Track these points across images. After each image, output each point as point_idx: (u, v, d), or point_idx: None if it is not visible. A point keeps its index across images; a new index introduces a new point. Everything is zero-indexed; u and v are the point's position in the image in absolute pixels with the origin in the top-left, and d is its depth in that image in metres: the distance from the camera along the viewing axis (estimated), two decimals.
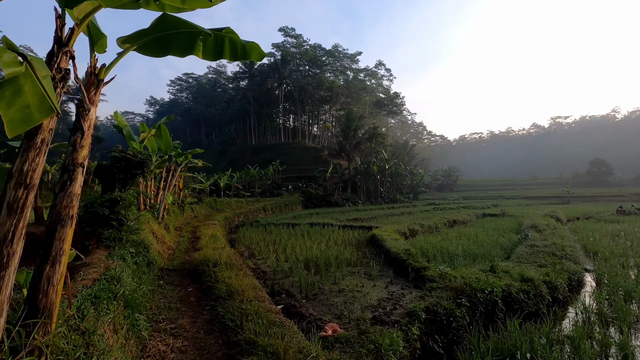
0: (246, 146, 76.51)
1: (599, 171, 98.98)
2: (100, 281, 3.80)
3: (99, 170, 7.22)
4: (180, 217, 16.89)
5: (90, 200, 5.81)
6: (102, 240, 5.61)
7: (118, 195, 5.92)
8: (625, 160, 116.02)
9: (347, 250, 10.94)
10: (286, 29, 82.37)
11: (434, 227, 19.46)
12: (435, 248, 11.89)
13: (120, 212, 5.88)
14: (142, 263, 5.78)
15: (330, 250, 11.12)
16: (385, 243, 10.97)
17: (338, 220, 24.18)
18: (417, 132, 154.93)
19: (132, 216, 6.42)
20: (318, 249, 12.17)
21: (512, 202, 53.43)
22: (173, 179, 12.15)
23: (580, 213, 29.00)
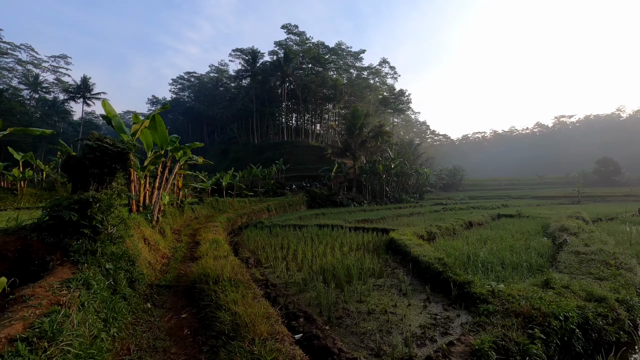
0: (249, 145, 75.36)
1: (606, 170, 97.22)
2: (17, 344, 2.43)
3: (67, 165, 5.74)
4: (180, 219, 15.61)
5: (57, 202, 4.52)
6: (70, 254, 4.33)
7: (91, 196, 4.61)
8: (632, 159, 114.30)
9: (367, 258, 9.62)
10: (289, 26, 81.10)
11: (451, 229, 18.12)
12: (463, 254, 10.57)
13: (94, 217, 4.58)
14: (123, 283, 4.49)
15: (347, 258, 9.81)
16: (410, 250, 9.65)
17: (346, 222, 22.89)
18: (421, 131, 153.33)
19: (114, 221, 5.14)
20: (332, 254, 10.88)
21: (521, 202, 52.00)
22: (170, 176, 10.89)
23: (600, 214, 27.50)
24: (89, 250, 4.42)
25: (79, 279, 3.66)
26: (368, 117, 52.88)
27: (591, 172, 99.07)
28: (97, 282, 3.90)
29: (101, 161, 5.47)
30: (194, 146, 10.19)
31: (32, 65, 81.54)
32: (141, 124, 9.27)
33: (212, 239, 10.14)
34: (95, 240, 4.66)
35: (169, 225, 11.72)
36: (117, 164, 5.67)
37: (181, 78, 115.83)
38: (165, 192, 10.76)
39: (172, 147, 10.01)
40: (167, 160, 10.08)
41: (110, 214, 5.00)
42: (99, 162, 5.45)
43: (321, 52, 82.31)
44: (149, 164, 9.69)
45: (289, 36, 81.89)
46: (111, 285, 4.26)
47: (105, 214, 4.88)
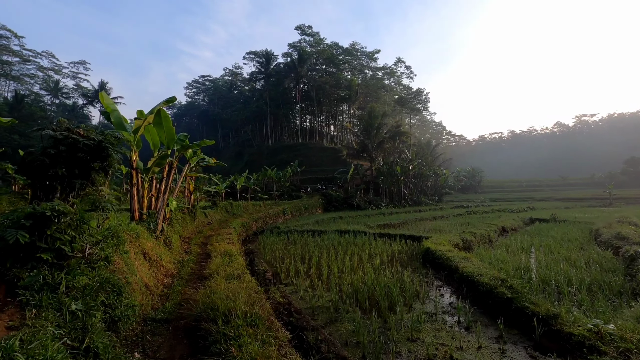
0: (263, 147, 74.61)
1: (635, 171, 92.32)
2: None
3: (24, 164, 4.25)
4: (191, 225, 14.44)
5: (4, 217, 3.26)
6: (18, 291, 3.08)
7: (50, 208, 3.34)
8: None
9: (405, 274, 8.14)
10: (303, 27, 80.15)
11: (486, 236, 16.41)
12: (515, 268, 8.98)
13: (58, 236, 3.33)
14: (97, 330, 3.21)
15: (381, 274, 8.37)
16: (457, 265, 8.13)
17: (368, 227, 21.41)
18: (437, 132, 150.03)
19: (93, 238, 3.90)
20: (361, 268, 9.45)
21: (547, 205, 49.46)
22: (179, 179, 9.71)
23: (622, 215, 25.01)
24: (47, 284, 3.18)
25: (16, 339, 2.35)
26: (385, 117, 51.23)
27: (619, 173, 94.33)
28: (49, 337, 2.59)
29: (69, 159, 4.16)
30: (203, 144, 8.97)
31: (52, 72, 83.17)
32: (144, 119, 8.08)
33: (224, 251, 8.85)
34: (60, 268, 3.41)
35: (177, 233, 10.51)
36: (92, 163, 4.36)
37: (196, 82, 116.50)
38: (173, 196, 9.55)
39: (180, 145, 8.81)
40: (174, 161, 8.88)
41: (82, 232, 3.75)
42: (65, 160, 4.14)
43: (335, 52, 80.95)
44: (153, 165, 8.51)
45: (302, 37, 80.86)
46: (77, 336, 2.98)
47: (78, 231, 3.64)
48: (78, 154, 4.15)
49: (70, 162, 4.12)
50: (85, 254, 3.82)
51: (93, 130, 4.51)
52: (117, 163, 4.53)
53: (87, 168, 4.29)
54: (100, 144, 4.33)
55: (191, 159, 11.18)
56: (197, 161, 13.45)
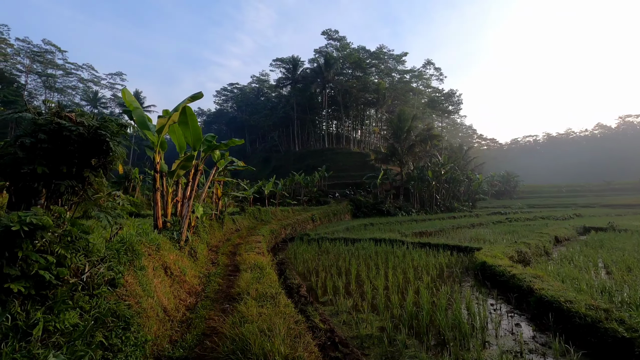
0: (290, 153, 74.51)
1: None
2: None
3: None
4: (219, 232, 13.73)
5: None
6: None
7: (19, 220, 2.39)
8: None
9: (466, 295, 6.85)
10: (329, 32, 79.80)
11: (541, 247, 14.62)
12: (596, 289, 7.45)
13: (35, 259, 2.44)
14: None
15: (436, 294, 7.12)
16: (528, 284, 6.75)
17: (403, 235, 20.01)
18: (467, 135, 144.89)
19: (90, 256, 3.03)
20: (406, 284, 8.23)
21: (594, 211, 45.62)
22: (206, 183, 8.94)
23: None
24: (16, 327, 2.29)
25: None
26: (415, 120, 49.37)
27: None
28: None
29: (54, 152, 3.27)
30: (232, 143, 8.14)
31: (92, 83, 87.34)
32: (168, 117, 7.34)
33: (254, 263, 7.92)
34: (42, 302, 2.53)
35: (203, 242, 9.73)
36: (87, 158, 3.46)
37: (224, 89, 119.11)
38: (200, 202, 8.78)
39: (207, 146, 8.03)
40: (200, 163, 8.11)
41: (81, 248, 2.89)
42: (48, 154, 3.26)
43: (362, 56, 79.91)
44: (178, 168, 7.76)
45: (329, 42, 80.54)
46: None
47: (70, 249, 2.78)
48: (67, 146, 3.27)
49: (56, 157, 3.25)
50: (83, 277, 2.97)
51: (90, 115, 3.63)
52: (121, 158, 3.68)
53: (76, 164, 3.36)
54: (95, 133, 3.42)
55: (219, 161, 10.43)
56: (226, 165, 12.75)
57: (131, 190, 24.88)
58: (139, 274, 4.37)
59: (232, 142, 8.03)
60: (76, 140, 3.12)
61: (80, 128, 3.16)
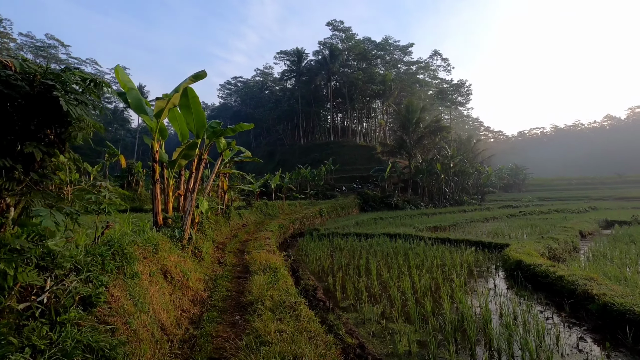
0: (295, 146, 73.64)
1: None
2: None
3: None
4: (225, 228, 12.90)
5: None
6: None
7: None
8: None
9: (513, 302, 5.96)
10: (334, 22, 78.08)
11: (569, 242, 13.64)
12: None
13: None
14: None
15: (472, 298, 6.23)
16: (585, 289, 5.83)
17: (418, 230, 19.09)
18: (474, 127, 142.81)
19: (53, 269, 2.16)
20: (433, 284, 7.36)
21: (609, 205, 44.22)
22: (211, 175, 8.07)
23: None
24: None
25: None
26: (424, 111, 48.10)
27: None
28: None
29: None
30: (240, 128, 7.20)
31: None
32: (167, 100, 6.46)
33: (265, 264, 7.08)
34: None
35: (209, 239, 8.89)
36: (34, 127, 2.45)
37: (228, 83, 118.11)
38: (204, 196, 7.92)
39: (211, 132, 7.13)
40: (204, 152, 7.24)
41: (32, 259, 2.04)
42: None
43: (367, 47, 78.33)
44: (180, 158, 6.90)
45: (334, 33, 78.90)
46: None
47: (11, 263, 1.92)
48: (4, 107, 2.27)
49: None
50: (42, 298, 2.12)
51: (38, 65, 2.60)
52: (90, 130, 2.75)
53: (24, 136, 2.42)
54: (45, 89, 2.40)
55: (224, 151, 9.55)
56: (232, 156, 11.87)
57: (134, 185, 24.16)
58: (130, 283, 3.53)
59: (239, 126, 7.13)
60: (16, 98, 2.19)
61: (22, 81, 2.19)
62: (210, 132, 7.19)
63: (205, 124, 7.26)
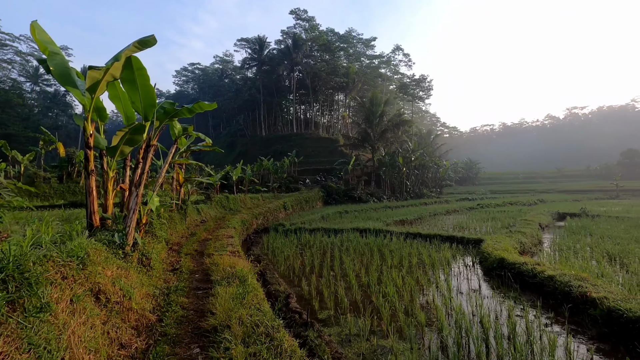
0: (256, 138, 71.45)
1: (631, 162, 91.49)
2: None
3: None
4: (180, 226, 11.48)
5: None
6: None
7: None
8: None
9: (508, 308, 5.45)
10: (298, 11, 76.23)
11: (535, 236, 13.84)
12: None
13: None
14: None
15: (464, 303, 5.64)
16: (581, 291, 5.44)
17: (385, 224, 18.77)
18: (431, 123, 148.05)
19: None
20: (417, 286, 6.74)
21: (553, 197, 47.55)
22: (164, 166, 6.77)
23: None
24: None
25: None
26: (388, 105, 48.34)
27: (615, 165, 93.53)
28: None
29: None
30: (199, 109, 5.92)
31: (32, 57, 77.89)
32: (105, 71, 5.11)
33: (230, 270, 6.00)
34: None
35: (161, 241, 7.57)
36: None
37: (185, 70, 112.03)
38: (155, 190, 6.61)
39: (162, 113, 5.83)
40: (154, 138, 5.93)
41: None
42: None
43: (331, 39, 77.42)
44: (123, 144, 5.57)
45: (297, 22, 77.02)
46: None
47: None
48: None
49: None
50: None
51: None
52: None
53: None
54: None
55: (180, 138, 8.21)
56: (189, 144, 10.47)
57: (75, 176, 21.53)
58: (34, 322, 2.38)
59: (198, 106, 5.87)
60: None
61: None
62: (162, 113, 5.89)
63: (155, 103, 5.95)
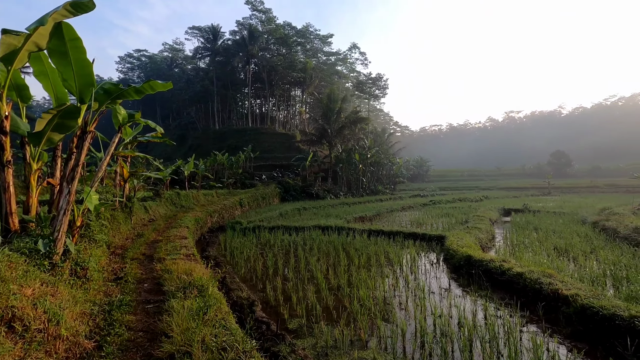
0: (209, 131, 68.39)
1: (559, 163, 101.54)
2: None
3: None
4: (126, 226, 10.21)
5: None
6: None
7: None
8: (576, 152, 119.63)
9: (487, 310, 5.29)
10: (254, 1, 73.80)
11: (489, 232, 14.40)
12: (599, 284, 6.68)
13: None
14: None
15: (441, 305, 5.42)
16: (552, 288, 5.44)
17: (346, 221, 18.55)
18: (385, 121, 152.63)
19: None
20: (391, 288, 6.46)
21: (496, 194, 50.93)
22: (104, 159, 5.71)
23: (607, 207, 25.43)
24: None
25: None
26: (345, 101, 48.60)
27: (545, 164, 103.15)
28: None
29: None
30: (149, 89, 4.93)
31: None
32: (25, 38, 4.08)
33: (186, 279, 5.21)
34: None
35: (102, 245, 6.49)
36: None
37: (130, 56, 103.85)
38: (93, 187, 5.58)
39: (103, 93, 4.83)
40: (91, 123, 4.91)
41: None
42: None
43: (288, 33, 76.14)
44: (51, 129, 4.52)
45: (253, 13, 74.67)
46: None
47: None
48: None
49: None
50: None
51: None
52: None
53: None
54: None
55: (125, 126, 7.11)
56: (135, 134, 9.25)
57: None
58: None
59: (150, 85, 4.89)
60: None
61: None
62: (102, 94, 4.90)
63: (94, 81, 4.95)
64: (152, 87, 5.02)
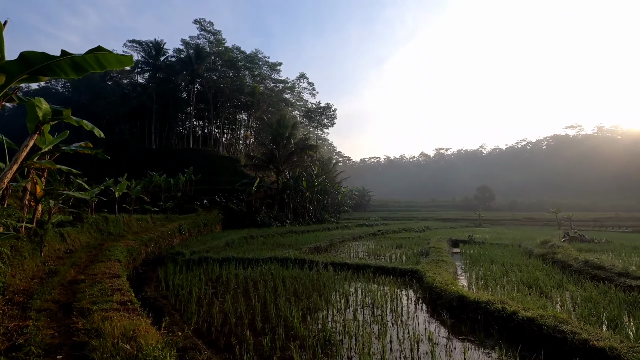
0: (144, 150, 62.93)
1: (484, 196, 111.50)
2: None
3: None
4: (32, 262, 7.75)
5: None
6: None
7: None
8: (495, 188, 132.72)
9: None
10: (203, 22, 72.15)
11: (452, 264, 14.11)
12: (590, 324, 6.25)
13: None
14: None
15: None
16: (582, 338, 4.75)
17: (300, 251, 17.15)
18: (329, 151, 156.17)
19: None
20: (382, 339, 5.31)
21: (434, 224, 53.30)
22: (7, 170, 3.89)
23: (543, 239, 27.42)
24: None
25: None
26: (295, 127, 48.20)
27: (472, 198, 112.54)
28: None
29: None
30: (94, 65, 3.47)
31: None
32: None
33: (128, 350, 3.53)
34: None
35: None
36: None
37: None
38: None
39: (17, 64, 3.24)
40: None
41: None
42: None
43: (237, 56, 75.18)
44: None
45: (201, 33, 72.76)
46: None
47: None
48: None
49: None
50: None
51: None
52: None
53: None
54: None
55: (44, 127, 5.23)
56: (58, 142, 7.16)
57: None
58: None
59: (96, 58, 3.33)
60: None
61: None
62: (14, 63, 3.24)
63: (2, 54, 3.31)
64: (99, 61, 3.45)
